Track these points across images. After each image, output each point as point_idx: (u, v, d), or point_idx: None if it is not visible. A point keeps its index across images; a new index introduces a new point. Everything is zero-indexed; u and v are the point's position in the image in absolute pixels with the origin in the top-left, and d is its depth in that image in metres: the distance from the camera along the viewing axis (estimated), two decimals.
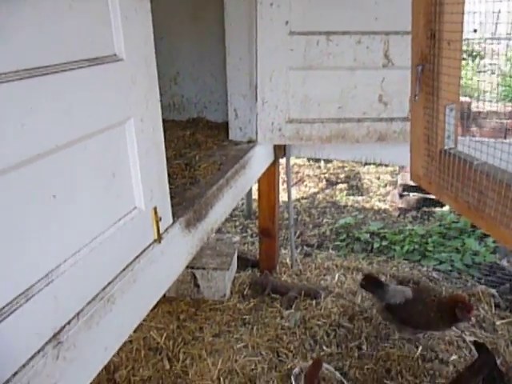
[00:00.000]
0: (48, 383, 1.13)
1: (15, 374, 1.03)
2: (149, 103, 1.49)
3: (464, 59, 7.74)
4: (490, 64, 8.81)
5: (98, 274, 1.32)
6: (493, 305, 3.20)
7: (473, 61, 7.86)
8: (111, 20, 1.28)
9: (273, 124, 2.70)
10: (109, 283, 1.36)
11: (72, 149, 1.16)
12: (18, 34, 0.98)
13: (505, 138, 4.78)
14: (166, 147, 1.66)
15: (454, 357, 2.73)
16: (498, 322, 3.03)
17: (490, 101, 5.36)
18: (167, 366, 2.68)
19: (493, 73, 8.57)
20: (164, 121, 1.64)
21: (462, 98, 5.21)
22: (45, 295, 1.10)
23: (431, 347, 2.79)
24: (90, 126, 1.22)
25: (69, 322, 1.20)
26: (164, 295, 3.25)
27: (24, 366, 1.05)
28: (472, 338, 2.88)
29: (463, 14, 1.66)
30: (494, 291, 3.34)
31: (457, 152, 1.82)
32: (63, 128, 1.12)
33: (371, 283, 2.86)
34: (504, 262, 3.72)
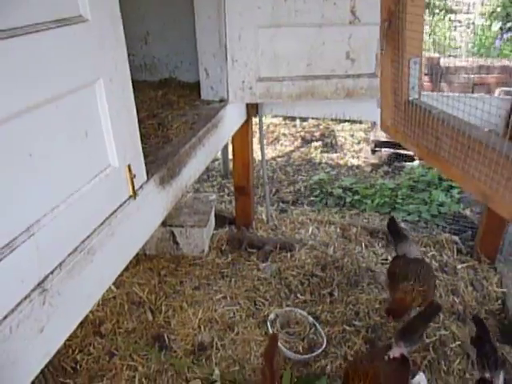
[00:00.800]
0: (37, 326, 1.23)
1: (5, 317, 1.13)
2: (117, 63, 1.53)
3: (435, 14, 7.74)
4: (466, 19, 8.82)
5: (76, 228, 1.40)
6: (455, 251, 3.43)
7: (444, 17, 7.88)
8: None
9: (243, 83, 2.74)
10: (88, 236, 1.45)
11: (44, 109, 1.21)
12: None
13: (472, 92, 4.91)
14: (138, 108, 1.71)
15: None
16: (458, 266, 3.26)
17: (457, 56, 5.46)
18: (150, 318, 2.84)
19: (468, 27, 8.59)
20: (136, 82, 1.68)
21: (432, 54, 5.29)
22: (27, 247, 1.18)
23: None
24: (60, 86, 1.27)
25: (52, 272, 1.29)
26: (144, 253, 3.38)
27: (13, 310, 1.15)
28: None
29: None
30: (456, 238, 3.56)
31: (419, 102, 1.94)
32: (34, 89, 1.16)
33: (393, 226, 2.88)
34: (467, 212, 3.94)
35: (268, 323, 2.71)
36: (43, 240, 1.24)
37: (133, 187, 1.68)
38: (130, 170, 1.65)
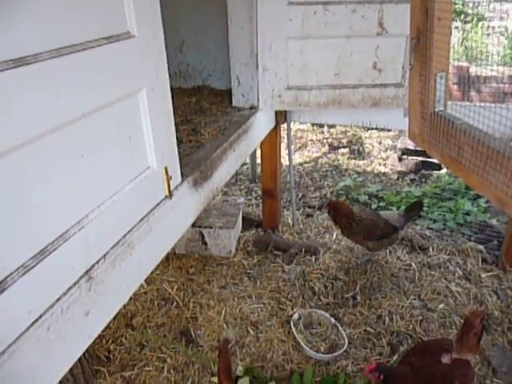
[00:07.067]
0: (83, 310, 1.37)
1: (58, 299, 1.27)
2: (158, 74, 1.67)
3: (467, 22, 7.66)
4: (499, 26, 8.69)
5: (119, 224, 1.55)
6: (480, 259, 3.43)
7: (477, 25, 7.78)
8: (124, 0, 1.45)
9: (273, 91, 2.86)
10: (128, 231, 1.59)
11: (96, 115, 1.36)
12: (50, 17, 1.17)
13: (502, 102, 4.87)
14: (173, 113, 1.85)
15: (441, 305, 2.99)
16: (483, 275, 3.27)
17: (491, 65, 5.42)
18: (178, 314, 2.97)
19: (502, 34, 8.46)
20: (171, 88, 1.81)
21: (462, 63, 5.28)
22: (78, 238, 1.33)
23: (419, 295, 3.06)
24: (109, 95, 1.41)
25: (97, 262, 1.43)
26: (174, 252, 3.53)
27: (64, 294, 1.29)
28: (459, 289, 3.13)
29: None
30: (482, 247, 3.56)
31: (444, 114, 2.03)
32: (88, 98, 1.31)
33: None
34: (494, 221, 3.92)
35: (291, 323, 2.80)
36: (91, 233, 1.38)
37: (169, 188, 1.81)
38: (166, 172, 1.78)
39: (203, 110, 2.96)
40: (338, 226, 3.21)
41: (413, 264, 3.37)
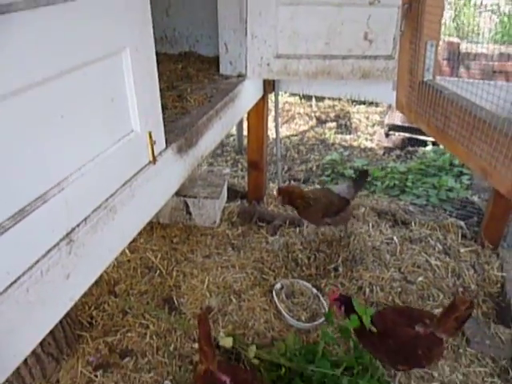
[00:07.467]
0: (63, 273, 1.36)
1: (37, 261, 1.25)
2: (142, 34, 1.62)
3: None
4: (491, 4, 8.63)
5: (101, 187, 1.52)
6: (460, 235, 3.49)
7: (470, 1, 7.71)
8: None
9: (262, 59, 2.80)
10: (111, 195, 1.56)
11: (75, 74, 1.31)
12: None
13: (490, 79, 4.88)
14: (158, 79, 1.80)
15: (420, 278, 3.05)
16: (462, 250, 3.33)
17: (481, 42, 5.40)
18: (161, 282, 2.98)
19: (493, 13, 8.42)
20: (157, 54, 1.75)
21: (452, 39, 5.25)
22: (58, 200, 1.30)
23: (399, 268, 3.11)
24: (89, 53, 1.36)
25: (78, 225, 1.41)
26: (158, 221, 3.51)
27: (44, 256, 1.27)
28: (438, 263, 3.20)
29: None
30: (462, 223, 3.62)
31: (433, 83, 2.02)
32: (66, 55, 1.26)
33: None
34: (475, 198, 3.98)
35: (274, 292, 2.83)
36: (71, 195, 1.36)
37: (153, 153, 1.78)
38: (150, 137, 1.75)
39: (190, 76, 2.89)
40: (295, 207, 3.03)
41: (395, 238, 3.42)
